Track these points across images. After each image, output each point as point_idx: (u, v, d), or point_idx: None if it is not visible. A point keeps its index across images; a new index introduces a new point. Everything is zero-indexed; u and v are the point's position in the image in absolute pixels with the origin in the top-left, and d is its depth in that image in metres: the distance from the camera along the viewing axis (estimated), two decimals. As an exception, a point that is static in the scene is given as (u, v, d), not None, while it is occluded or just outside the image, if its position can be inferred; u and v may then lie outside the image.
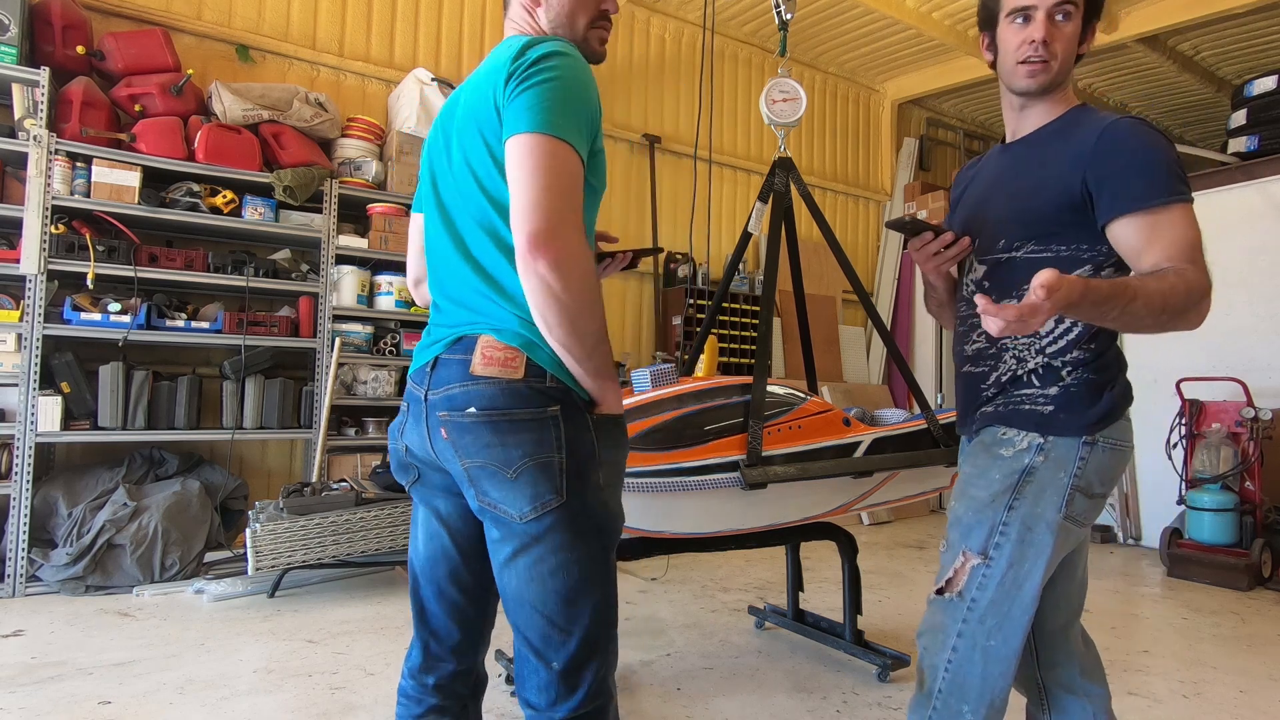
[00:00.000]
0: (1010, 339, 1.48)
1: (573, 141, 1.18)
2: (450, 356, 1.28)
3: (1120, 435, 1.42)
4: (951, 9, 6.14)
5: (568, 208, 1.17)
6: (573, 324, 1.18)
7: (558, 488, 1.21)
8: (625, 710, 2.49)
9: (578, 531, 1.23)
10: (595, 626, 1.24)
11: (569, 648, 1.23)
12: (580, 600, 1.23)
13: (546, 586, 1.22)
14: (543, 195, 1.15)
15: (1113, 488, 1.44)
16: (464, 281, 1.31)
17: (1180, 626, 3.61)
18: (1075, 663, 1.56)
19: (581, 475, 1.23)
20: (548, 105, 1.18)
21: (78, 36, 3.81)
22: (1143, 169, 1.31)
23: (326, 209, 4.33)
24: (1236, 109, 5.58)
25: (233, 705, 2.43)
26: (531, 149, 1.17)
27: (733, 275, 2.99)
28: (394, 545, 3.63)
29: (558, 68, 1.21)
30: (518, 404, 1.22)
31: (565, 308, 1.17)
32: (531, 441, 1.21)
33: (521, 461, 1.21)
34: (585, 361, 1.22)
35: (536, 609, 1.23)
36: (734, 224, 6.66)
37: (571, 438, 1.23)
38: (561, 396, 1.24)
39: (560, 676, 1.24)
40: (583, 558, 1.23)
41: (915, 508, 6.55)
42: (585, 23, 1.38)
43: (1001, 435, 1.46)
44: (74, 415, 3.71)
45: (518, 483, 1.21)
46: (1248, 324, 5.19)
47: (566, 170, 1.18)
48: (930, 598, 1.47)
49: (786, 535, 2.78)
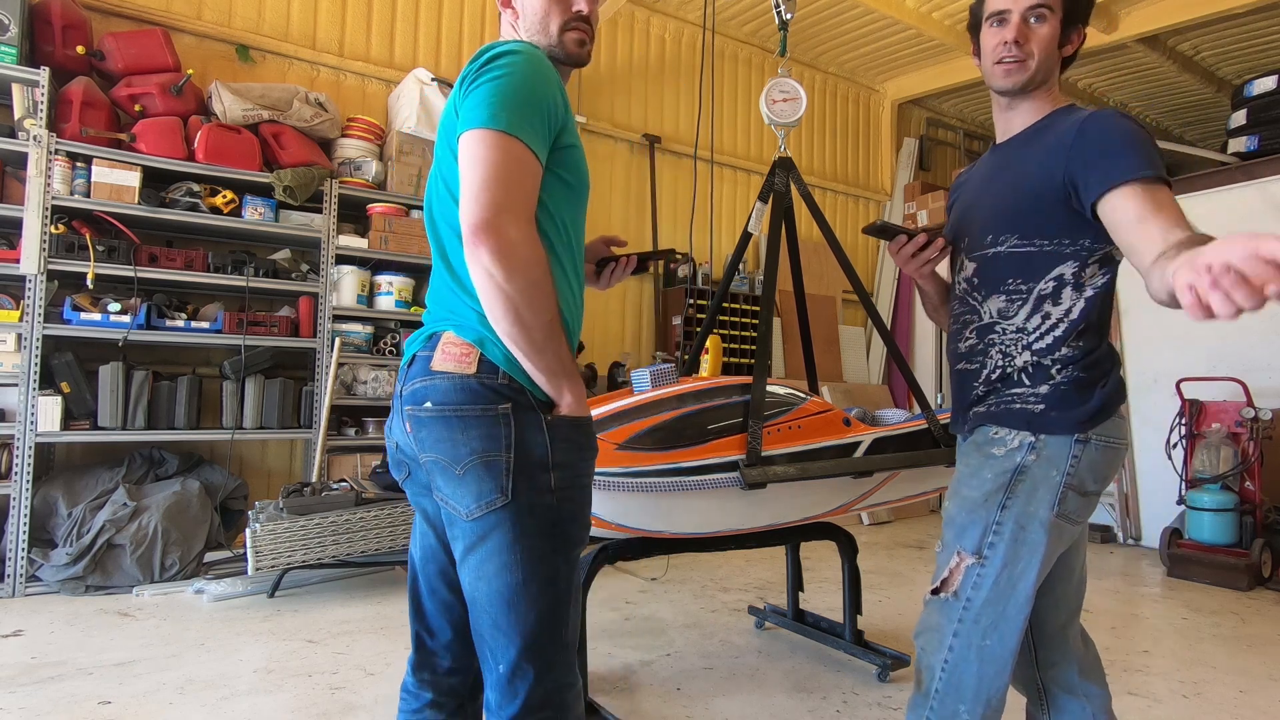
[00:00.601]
0: (996, 335, 1.49)
1: (520, 135, 1.19)
2: (423, 353, 1.30)
3: (1113, 432, 1.42)
4: (951, 9, 6.14)
5: (509, 198, 1.16)
6: (517, 315, 1.17)
7: (502, 487, 1.21)
8: (625, 710, 2.50)
9: (522, 533, 1.21)
10: (538, 632, 1.22)
11: (510, 651, 1.22)
12: (522, 604, 1.22)
13: (491, 586, 1.22)
14: (483, 187, 1.16)
15: (1106, 485, 1.44)
16: (440, 280, 1.34)
17: (1180, 626, 3.61)
18: (1074, 663, 1.56)
19: (529, 476, 1.22)
20: (492, 101, 1.19)
21: (78, 36, 3.81)
22: (1132, 147, 1.32)
23: (326, 209, 4.33)
24: (1236, 109, 5.58)
25: (233, 705, 2.43)
26: (474, 142, 1.19)
27: (733, 275, 2.99)
28: (394, 545, 3.63)
29: (507, 65, 1.22)
30: (468, 400, 1.22)
31: (508, 298, 1.16)
32: (480, 438, 1.21)
33: (469, 458, 1.21)
34: (535, 356, 1.21)
35: (483, 608, 1.24)
36: (734, 224, 6.67)
37: (521, 437, 1.22)
38: (513, 395, 1.23)
39: (504, 679, 1.23)
40: (527, 560, 1.22)
41: (915, 508, 6.55)
42: (558, 26, 1.38)
43: (993, 435, 1.47)
44: (74, 415, 3.71)
45: (464, 479, 1.21)
46: (1248, 324, 5.19)
47: (509, 161, 1.17)
48: (926, 598, 1.48)
49: (786, 535, 2.77)
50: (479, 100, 1.20)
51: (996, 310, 1.50)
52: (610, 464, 2.12)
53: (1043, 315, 1.44)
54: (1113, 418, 1.42)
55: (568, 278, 1.33)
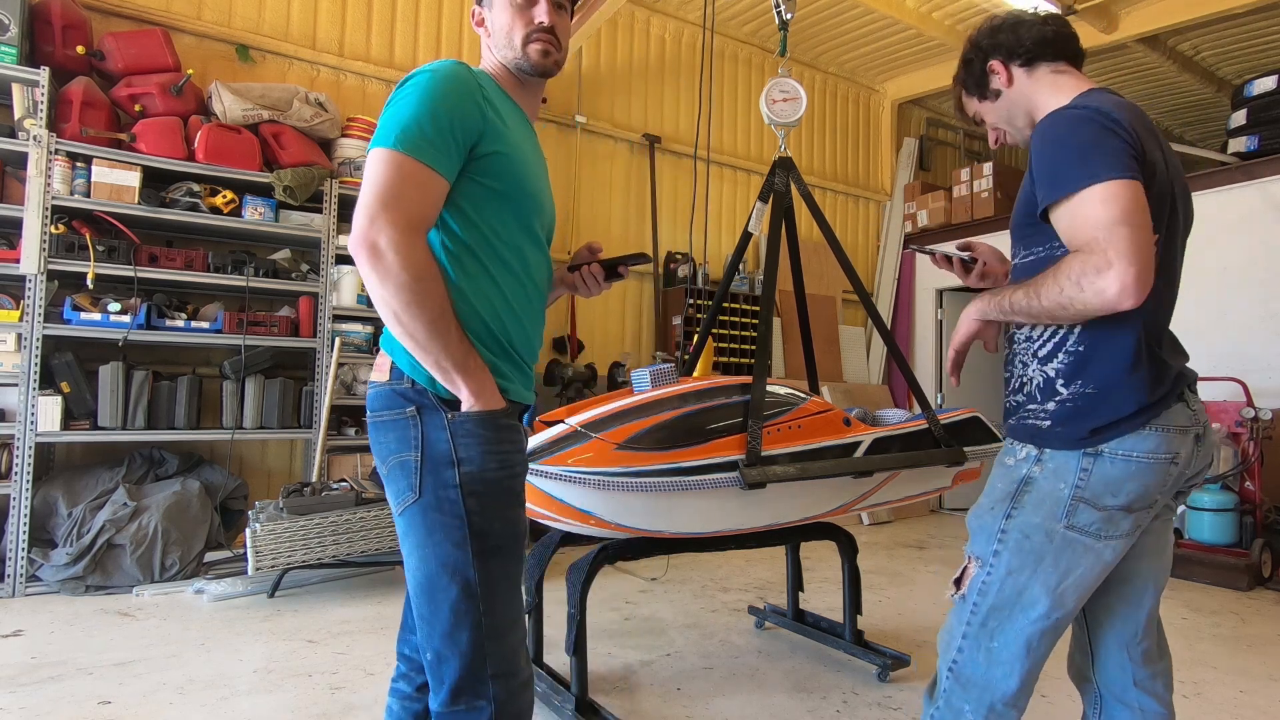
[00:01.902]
0: (1017, 345, 1.52)
1: (412, 151, 1.24)
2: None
3: (1134, 447, 1.35)
4: (951, 9, 6.14)
5: (386, 210, 1.22)
6: (395, 317, 1.23)
7: (413, 485, 1.30)
8: (625, 710, 2.50)
9: (430, 528, 1.29)
10: (454, 621, 1.28)
11: (434, 640, 1.30)
12: (435, 593, 1.29)
13: (414, 578, 1.32)
14: (362, 200, 1.24)
15: (1137, 501, 1.36)
16: None
17: (1180, 626, 3.61)
18: (1129, 674, 1.53)
19: (435, 473, 1.29)
20: (388, 123, 1.27)
21: (78, 36, 3.81)
22: (1051, 161, 1.33)
23: (326, 209, 4.33)
24: (1236, 109, 5.58)
25: (233, 705, 2.43)
26: (370, 162, 1.27)
27: (733, 275, 2.99)
28: (394, 545, 3.63)
29: (414, 87, 1.30)
30: (385, 405, 1.34)
31: (384, 302, 1.23)
32: (395, 440, 1.32)
33: (389, 459, 1.33)
34: (422, 355, 1.27)
35: (412, 598, 1.33)
36: (734, 224, 6.67)
37: (427, 437, 1.30)
38: (416, 397, 1.32)
39: (431, 666, 1.31)
40: (436, 555, 1.29)
41: (915, 508, 6.55)
42: (521, 38, 1.44)
43: (1009, 445, 1.50)
44: (74, 415, 3.71)
45: (389, 479, 1.34)
46: (1248, 324, 5.19)
47: (394, 176, 1.23)
48: (949, 597, 1.51)
49: (786, 535, 2.77)
50: (381, 123, 1.29)
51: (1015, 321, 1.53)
52: (610, 464, 2.12)
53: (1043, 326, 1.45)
54: (1134, 433, 1.35)
55: (493, 280, 1.36)
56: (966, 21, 6.25)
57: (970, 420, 2.79)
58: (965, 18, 6.21)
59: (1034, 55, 1.51)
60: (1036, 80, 1.52)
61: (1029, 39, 1.51)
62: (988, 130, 1.65)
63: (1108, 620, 1.54)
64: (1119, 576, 1.52)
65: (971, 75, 1.60)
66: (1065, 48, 1.52)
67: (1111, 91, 1.46)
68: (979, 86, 1.60)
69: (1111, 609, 1.54)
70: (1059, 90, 1.48)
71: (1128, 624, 1.53)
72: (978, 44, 1.58)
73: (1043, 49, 1.51)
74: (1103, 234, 1.23)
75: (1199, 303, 5.26)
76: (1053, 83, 1.50)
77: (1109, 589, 1.53)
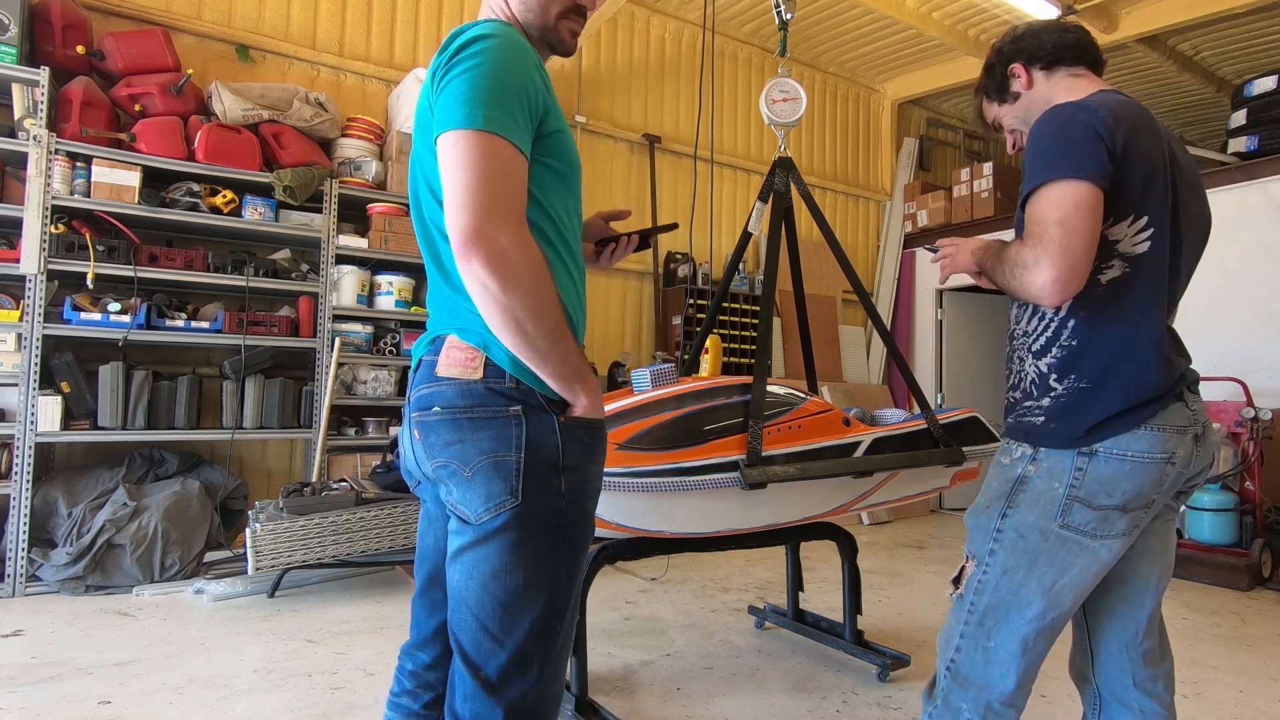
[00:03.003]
0: (1015, 341, 1.53)
1: (502, 131, 1.11)
2: (428, 358, 1.26)
3: (1130, 447, 1.35)
4: (951, 9, 6.13)
5: (497, 203, 1.10)
6: (518, 326, 1.12)
7: (513, 488, 1.17)
8: (625, 710, 2.50)
9: (528, 535, 1.17)
10: (532, 640, 1.18)
11: (499, 658, 1.17)
12: (519, 608, 1.17)
13: (486, 589, 1.17)
14: (468, 193, 1.09)
15: (1133, 500, 1.36)
16: (434, 282, 1.30)
17: (1180, 626, 3.61)
18: (1129, 675, 1.54)
19: (540, 478, 1.18)
20: (469, 97, 1.11)
21: (78, 36, 3.81)
22: (1032, 156, 1.38)
23: (326, 209, 4.33)
24: (1236, 109, 5.58)
25: (233, 705, 2.43)
26: (454, 145, 1.11)
27: (733, 275, 2.99)
28: (394, 545, 3.63)
29: (480, 53, 1.14)
30: (477, 402, 1.19)
31: (506, 309, 1.11)
32: (490, 439, 1.18)
33: (478, 459, 1.17)
34: (543, 364, 1.16)
35: (472, 611, 1.18)
36: (734, 224, 6.66)
37: (533, 439, 1.18)
38: (523, 397, 1.19)
39: (485, 688, 1.17)
40: (529, 564, 1.17)
41: (915, 508, 6.55)
42: (558, 12, 1.33)
43: (1006, 444, 1.52)
44: (74, 415, 3.71)
45: (473, 481, 1.18)
46: (1248, 324, 5.20)
47: (493, 163, 1.10)
48: (948, 596, 1.53)
49: (786, 535, 2.78)
50: (453, 96, 1.13)
51: (1013, 316, 1.56)
52: (610, 464, 2.11)
53: (1039, 317, 1.47)
54: (1129, 432, 1.35)
55: (568, 270, 1.28)
56: (966, 21, 6.25)
57: (969, 420, 2.79)
58: (965, 18, 6.21)
59: (1054, 59, 1.56)
60: (1054, 83, 1.56)
61: (1050, 43, 1.56)
62: (1006, 135, 1.69)
63: (1108, 621, 1.54)
64: (1119, 577, 1.52)
65: (993, 80, 1.65)
66: (1085, 53, 1.56)
67: (1120, 93, 1.48)
68: (999, 90, 1.64)
69: (1112, 609, 1.54)
70: (1074, 92, 1.51)
71: (1128, 625, 1.53)
72: (1000, 49, 1.64)
73: (1063, 53, 1.55)
74: (1040, 231, 1.31)
75: (1199, 303, 5.25)
76: (1069, 85, 1.54)
77: (1109, 589, 1.53)
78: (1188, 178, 1.45)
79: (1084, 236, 1.28)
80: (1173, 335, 1.46)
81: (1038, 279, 1.30)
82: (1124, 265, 1.38)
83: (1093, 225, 1.29)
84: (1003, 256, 1.40)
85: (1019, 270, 1.34)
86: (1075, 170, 1.30)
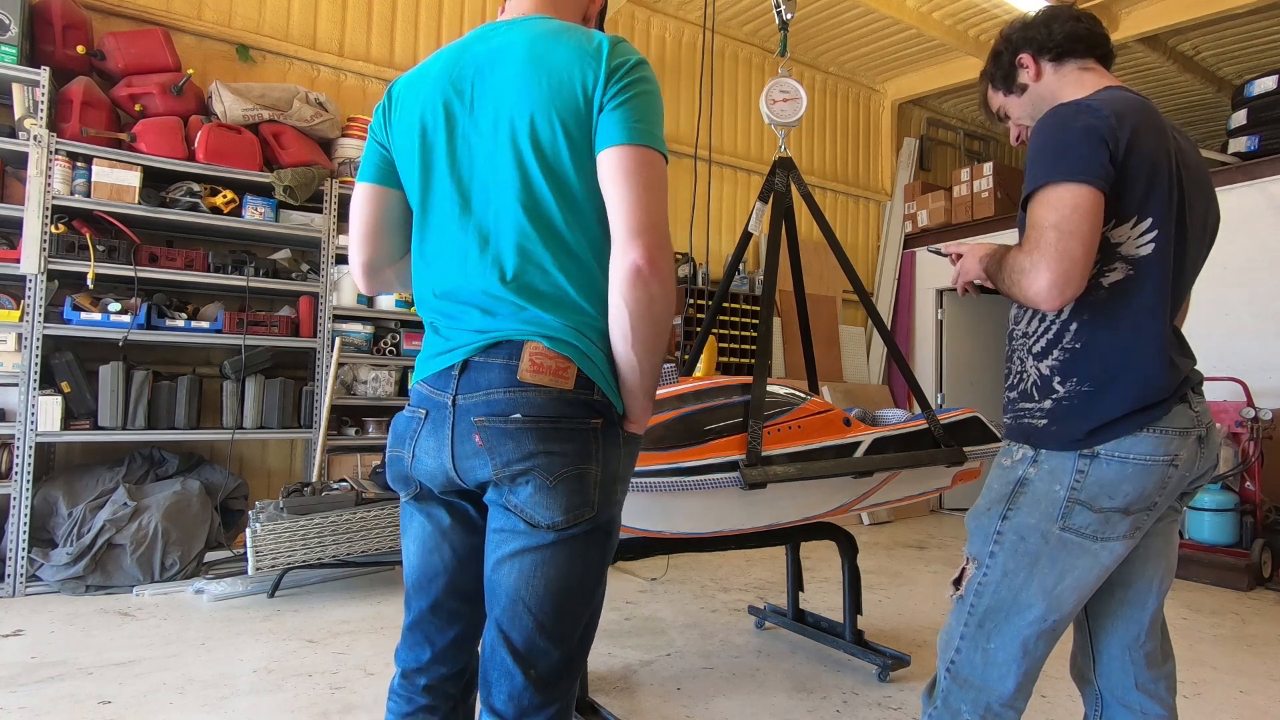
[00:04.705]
0: (1014, 341, 1.52)
1: (666, 158, 1.23)
2: (487, 360, 1.21)
3: (1131, 449, 1.34)
4: (951, 9, 6.13)
5: (668, 231, 1.21)
6: (655, 344, 1.21)
7: (590, 500, 1.21)
8: (625, 710, 2.50)
9: (593, 544, 1.23)
10: (584, 641, 1.26)
11: (553, 657, 1.21)
12: (576, 611, 1.23)
13: (550, 590, 1.19)
14: (657, 215, 1.18)
15: (1132, 503, 1.35)
16: (487, 280, 1.23)
17: (1180, 626, 3.60)
18: (1130, 677, 1.53)
19: (608, 489, 1.24)
20: (653, 119, 1.20)
21: (78, 36, 3.81)
22: (1034, 155, 1.36)
23: (326, 209, 4.33)
24: (1236, 109, 5.58)
25: (233, 705, 2.43)
26: (646, 164, 1.19)
27: (733, 275, 2.99)
28: (394, 545, 3.63)
29: (651, 79, 1.24)
30: (567, 412, 1.20)
31: (658, 326, 1.20)
32: (576, 451, 1.20)
33: (564, 469, 1.19)
34: (645, 380, 1.25)
35: (530, 610, 1.19)
36: (734, 224, 6.66)
37: (608, 452, 1.23)
38: (605, 410, 1.24)
39: (536, 685, 1.20)
40: (589, 570, 1.23)
41: (915, 508, 6.55)
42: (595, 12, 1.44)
43: (1006, 446, 1.50)
44: (74, 415, 3.71)
45: (556, 490, 1.18)
46: (1248, 324, 5.19)
47: (666, 188, 1.21)
48: (948, 597, 1.52)
49: (786, 535, 2.78)
50: (641, 113, 1.19)
51: (1013, 316, 1.54)
52: (610, 464, 2.12)
53: (1040, 318, 1.45)
54: (1132, 434, 1.34)
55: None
56: (966, 21, 6.25)
57: (970, 420, 2.79)
58: (965, 18, 6.20)
59: (1064, 51, 1.51)
60: (1063, 76, 1.52)
61: (1060, 34, 1.51)
62: (1010, 126, 1.64)
63: (1110, 622, 1.54)
64: (1122, 579, 1.51)
65: (1000, 68, 1.60)
66: (1095, 45, 1.52)
67: (1127, 89, 1.45)
68: (1006, 80, 1.60)
69: (1114, 611, 1.53)
70: (1082, 87, 1.48)
71: (1131, 626, 1.52)
72: (1009, 37, 1.58)
73: (1073, 45, 1.51)
74: (1037, 235, 1.29)
75: (1199, 303, 5.22)
76: (1078, 79, 1.50)
77: (1112, 591, 1.52)
78: (1195, 177, 1.42)
79: (1081, 240, 1.26)
80: (1177, 336, 1.45)
81: (1035, 284, 1.28)
82: (1127, 268, 1.36)
83: (1091, 228, 1.27)
84: (1004, 263, 1.39)
85: (1017, 275, 1.32)
86: (1074, 173, 1.28)
